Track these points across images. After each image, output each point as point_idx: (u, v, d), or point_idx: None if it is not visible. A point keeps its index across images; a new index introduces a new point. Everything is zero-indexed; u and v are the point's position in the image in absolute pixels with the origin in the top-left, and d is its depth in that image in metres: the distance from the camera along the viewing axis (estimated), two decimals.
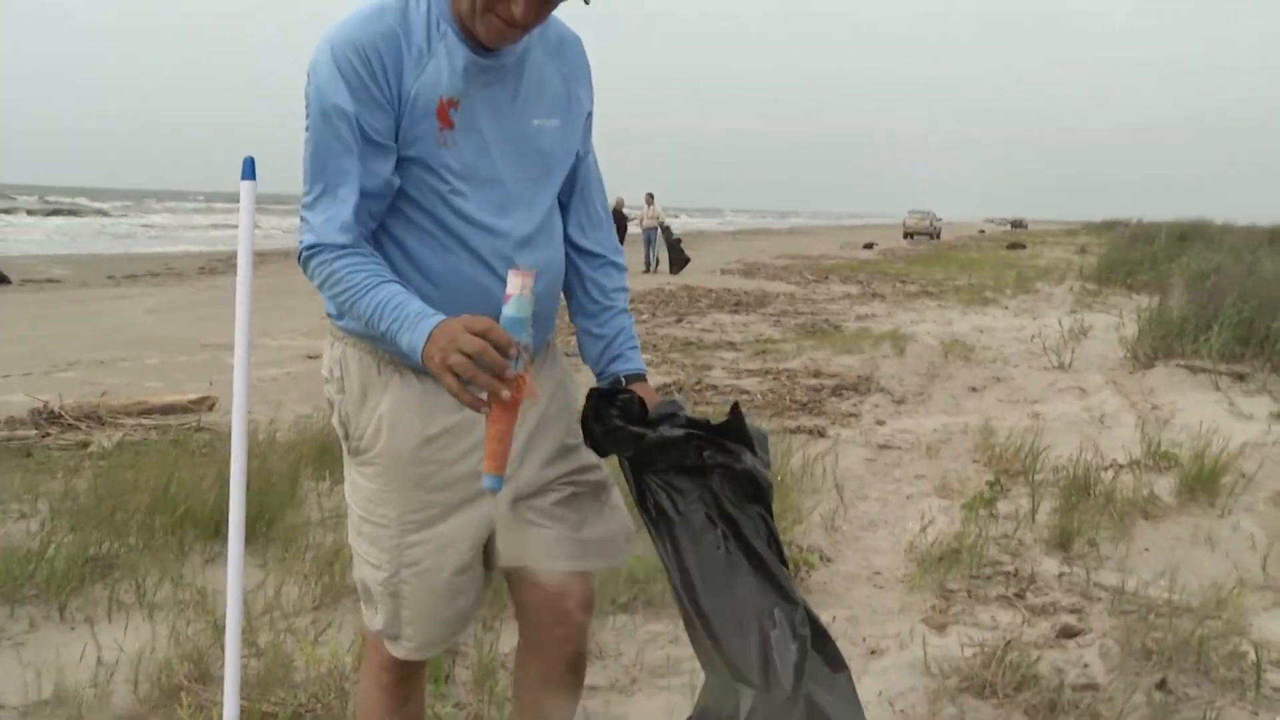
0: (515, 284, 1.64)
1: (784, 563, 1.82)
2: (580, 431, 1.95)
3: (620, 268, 2.12)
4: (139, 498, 4.35)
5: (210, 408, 7.15)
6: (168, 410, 7.00)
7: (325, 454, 5.15)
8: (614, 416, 1.85)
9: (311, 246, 1.79)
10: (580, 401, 2.00)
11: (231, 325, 2.07)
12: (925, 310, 15.33)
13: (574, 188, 2.05)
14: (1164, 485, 5.16)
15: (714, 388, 8.39)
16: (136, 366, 9.42)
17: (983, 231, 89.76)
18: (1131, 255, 22.47)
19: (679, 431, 1.80)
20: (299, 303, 15.27)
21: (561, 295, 2.08)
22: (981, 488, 5.12)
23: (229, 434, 5.87)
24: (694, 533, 1.77)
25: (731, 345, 11.05)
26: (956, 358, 10.17)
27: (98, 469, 5.09)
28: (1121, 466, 5.57)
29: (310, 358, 9.58)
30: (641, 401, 1.90)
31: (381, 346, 1.87)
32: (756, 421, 6.21)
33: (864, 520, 4.87)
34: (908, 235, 58.84)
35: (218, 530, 4.08)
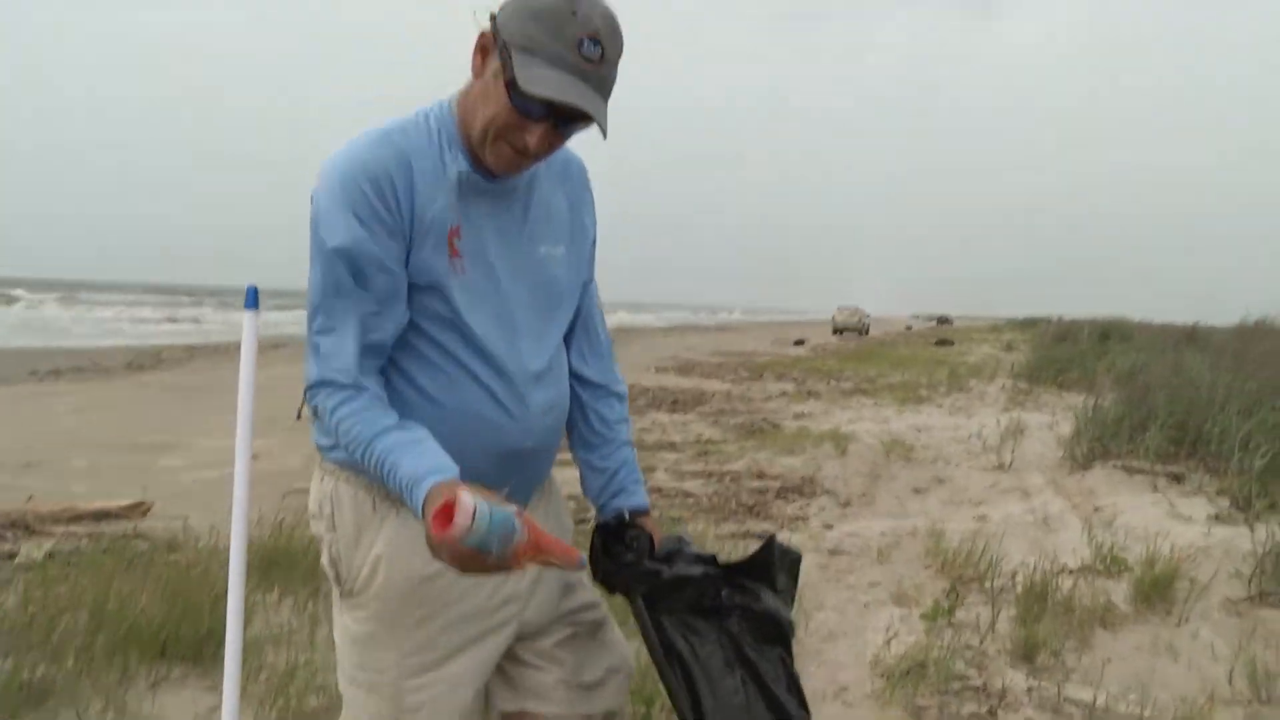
0: (466, 516, 1.50)
1: (804, 707, 1.76)
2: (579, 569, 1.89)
3: (622, 398, 2.08)
4: (75, 615, 4.16)
5: (145, 514, 6.92)
6: (100, 516, 6.76)
7: (273, 565, 4.98)
8: (624, 553, 1.80)
9: (315, 383, 1.73)
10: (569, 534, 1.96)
11: (164, 423, 1.99)
12: (862, 408, 15.43)
13: (578, 316, 2.01)
14: (1118, 592, 5.18)
15: (659, 490, 8.32)
16: (62, 469, 9.11)
17: (910, 327, 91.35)
18: (1058, 353, 22.95)
19: (696, 570, 1.75)
20: (231, 400, 14.89)
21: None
22: (938, 595, 5.11)
23: (168, 542, 5.70)
24: (712, 678, 1.72)
25: (672, 446, 11.01)
26: (898, 458, 10.22)
27: (28, 583, 4.87)
28: (1072, 572, 5.59)
29: (250, 458, 9.35)
30: (650, 537, 1.85)
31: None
32: (706, 537, 6.14)
33: (824, 632, 4.81)
34: (837, 331, 59.59)
35: (164, 651, 3.91)
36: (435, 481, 1.62)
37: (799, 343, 42.67)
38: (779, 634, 1.77)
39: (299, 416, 1.88)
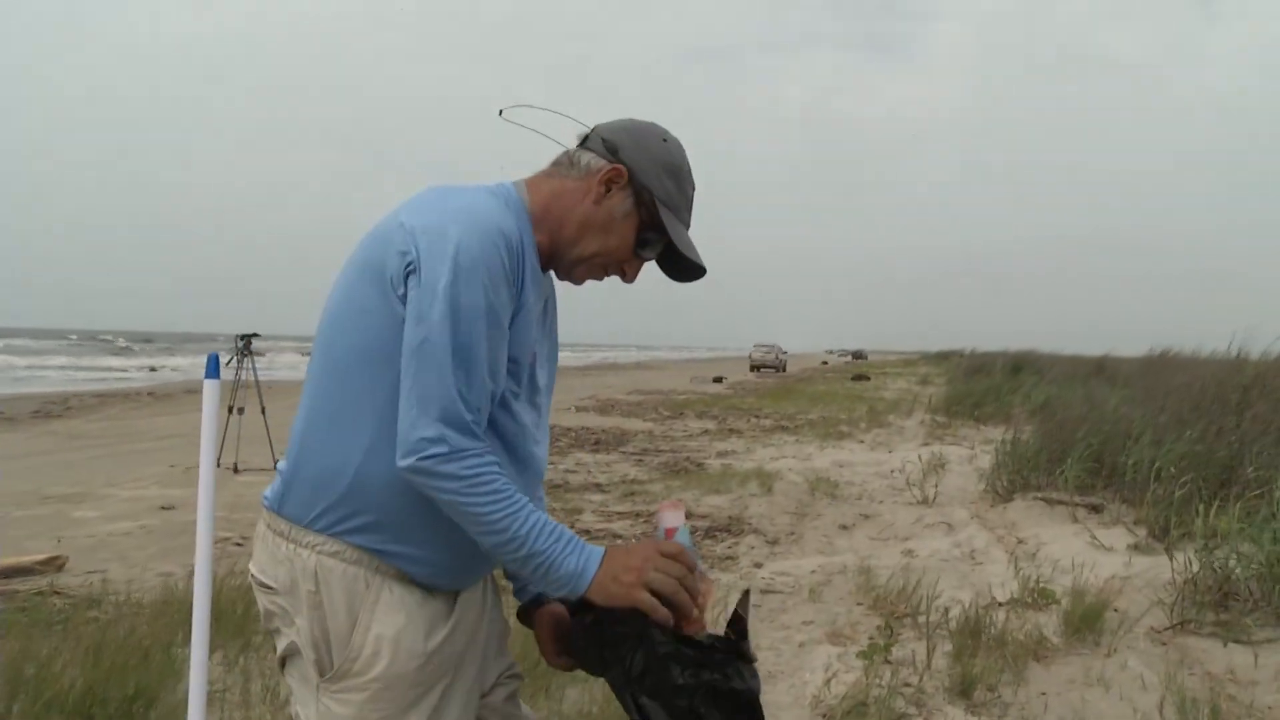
0: (677, 515, 1.81)
1: None
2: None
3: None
4: None
5: (60, 568, 6.70)
6: (11, 573, 6.51)
7: None
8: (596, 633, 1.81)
9: (459, 450, 1.64)
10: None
11: (75, 474, 1.94)
12: (784, 445, 15.56)
13: None
14: (1048, 624, 5.27)
15: (586, 532, 8.28)
16: None
17: (825, 363, 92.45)
18: (973, 387, 23.39)
19: (666, 648, 1.74)
20: (146, 448, 14.62)
21: None
22: (873, 633, 5.14)
23: (86, 599, 5.52)
24: None
25: (598, 487, 10.98)
26: (823, 495, 10.32)
27: None
28: (1002, 605, 5.68)
29: (164, 509, 9.13)
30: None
31: (413, 559, 1.78)
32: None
33: (761, 673, 4.80)
34: (755, 368, 60.09)
35: (90, 718, 3.76)
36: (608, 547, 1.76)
37: (718, 380, 42.88)
38: (748, 711, 1.77)
39: (236, 470, 1.84)
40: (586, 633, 1.84)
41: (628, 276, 1.87)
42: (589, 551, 1.70)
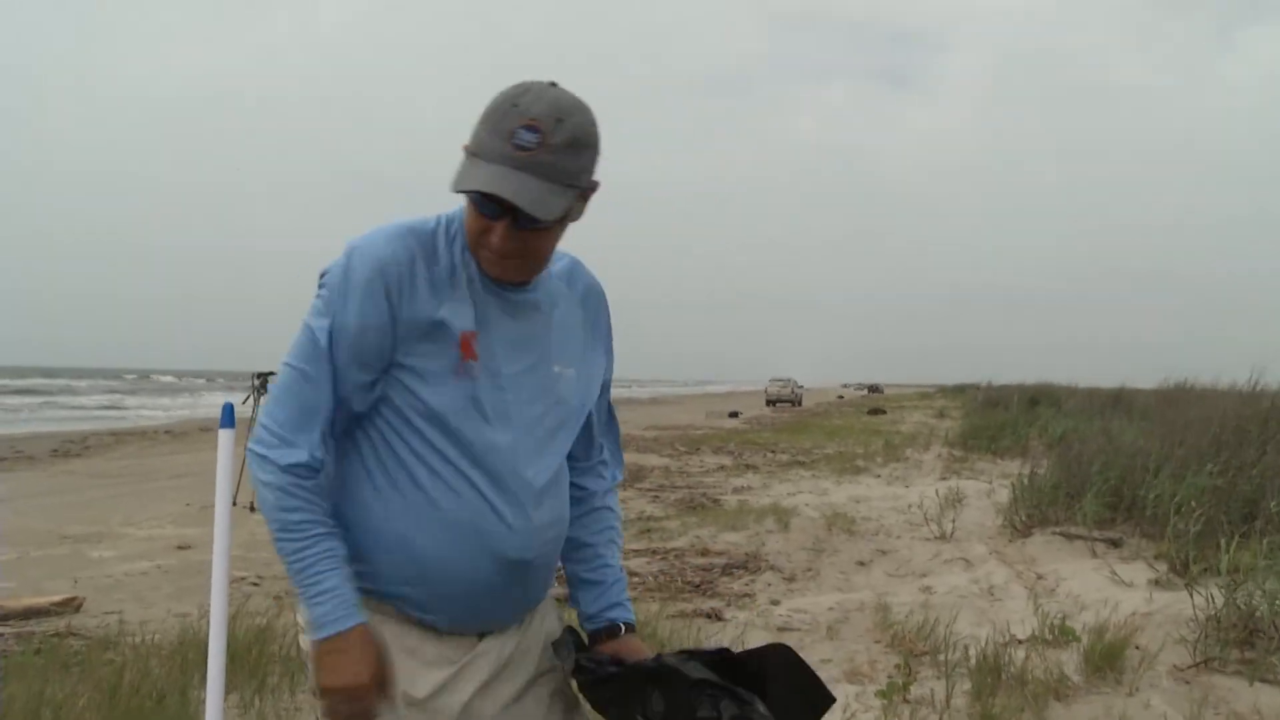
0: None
1: None
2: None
3: (607, 476, 2.12)
4: None
5: (78, 609, 6.70)
6: (28, 614, 6.52)
7: None
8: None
9: (266, 445, 1.73)
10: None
11: (92, 513, 1.94)
12: (800, 480, 15.50)
13: (582, 428, 2.03)
14: (1069, 662, 5.21)
15: None
16: None
17: (841, 397, 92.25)
18: (990, 420, 23.26)
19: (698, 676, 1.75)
20: (162, 486, 14.67)
21: None
22: (891, 671, 5.11)
23: (104, 640, 5.52)
24: None
25: None
26: (840, 530, 10.25)
27: None
28: (1022, 642, 5.62)
29: (180, 548, 9.14)
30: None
31: (360, 583, 1.78)
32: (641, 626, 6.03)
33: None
34: (770, 403, 60.02)
35: None
36: (355, 623, 1.71)
37: (734, 415, 42.82)
38: None
39: (252, 509, 1.85)
40: (603, 683, 1.84)
41: (494, 243, 1.72)
42: (337, 613, 1.70)
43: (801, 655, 1.89)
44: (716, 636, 5.89)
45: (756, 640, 5.95)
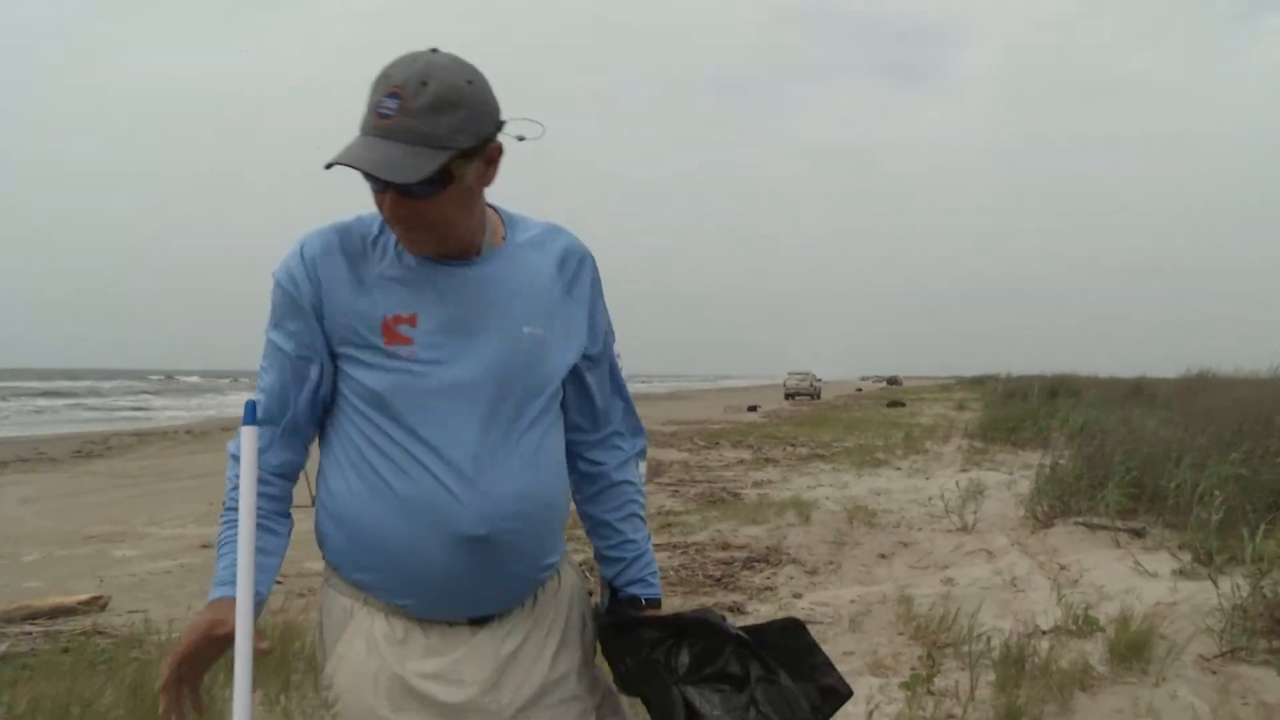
0: None
1: None
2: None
3: (623, 448, 2.07)
4: None
5: (103, 607, 6.76)
6: (55, 613, 6.58)
7: None
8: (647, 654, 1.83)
9: (240, 431, 1.79)
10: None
11: (115, 513, 1.97)
12: (820, 474, 15.48)
13: (582, 394, 2.00)
14: (1093, 652, 5.19)
15: None
16: (13, 564, 8.88)
17: (860, 389, 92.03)
18: (1010, 411, 23.19)
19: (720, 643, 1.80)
20: (184, 486, 14.76)
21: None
22: (915, 663, 5.09)
23: (129, 638, 5.55)
24: None
25: None
26: (861, 523, 10.23)
27: None
28: (1045, 633, 5.60)
29: (204, 547, 9.18)
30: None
31: (343, 577, 1.83)
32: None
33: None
34: (789, 396, 59.94)
35: None
36: (222, 595, 1.73)
37: (752, 409, 42.77)
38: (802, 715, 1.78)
39: (312, 501, 1.86)
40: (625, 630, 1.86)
41: (387, 216, 1.73)
42: (214, 589, 1.76)
43: (823, 646, 1.91)
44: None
45: None
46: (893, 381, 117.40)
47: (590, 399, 2.00)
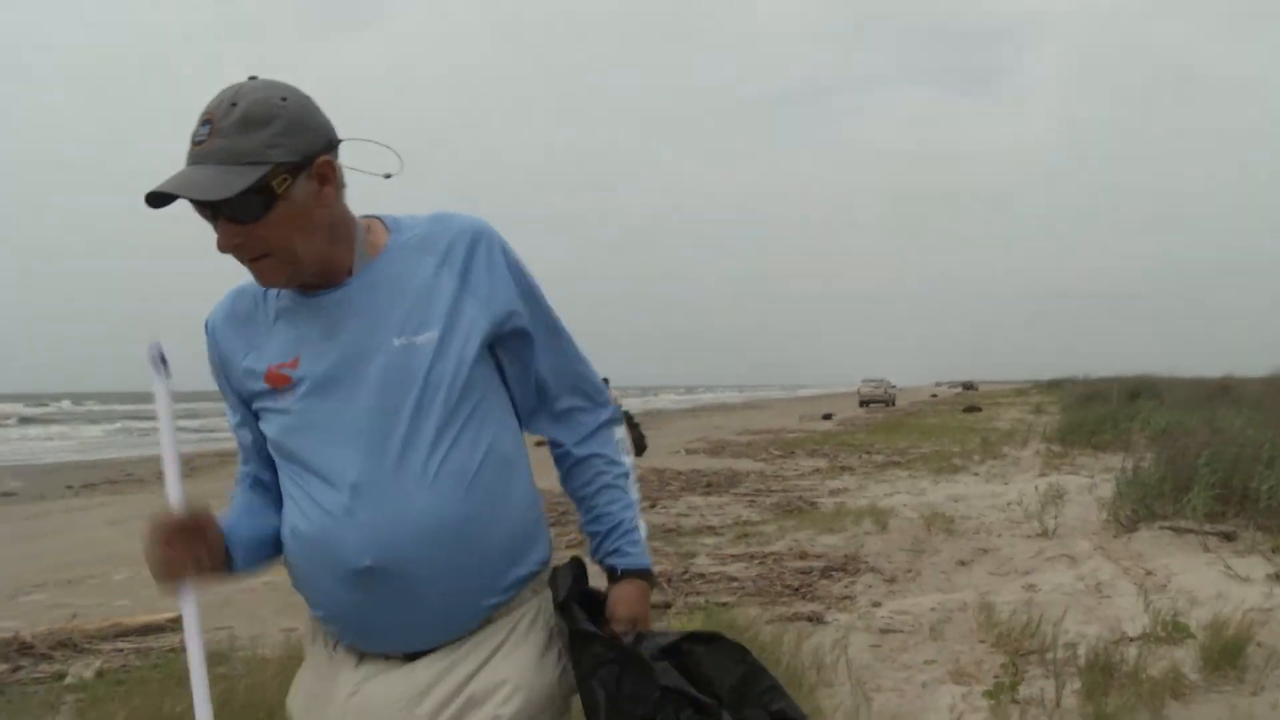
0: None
1: None
2: None
3: (586, 421, 1.96)
4: None
5: None
6: (145, 631, 6.73)
7: None
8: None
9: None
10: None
11: None
12: (896, 481, 15.31)
13: (518, 380, 1.89)
14: (1184, 660, 5.06)
15: (701, 576, 8.24)
16: (104, 584, 9.09)
17: (935, 395, 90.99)
18: (1089, 414, 22.76)
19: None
20: None
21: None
22: (998, 671, 5.01)
23: (216, 654, 5.65)
24: None
25: (712, 529, 10.92)
26: (939, 530, 10.09)
27: (78, 704, 4.84)
28: (1133, 640, 5.48)
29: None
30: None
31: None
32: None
33: (886, 714, 4.71)
34: (864, 404, 59.49)
35: None
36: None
37: (827, 417, 42.47)
38: None
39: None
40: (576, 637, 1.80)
41: (219, 243, 1.68)
42: None
43: (904, 655, 1.87)
44: (816, 638, 5.83)
45: (859, 644, 5.89)
46: (968, 387, 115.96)
47: (526, 378, 1.89)
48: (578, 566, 1.84)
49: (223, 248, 1.67)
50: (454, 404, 1.72)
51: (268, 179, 1.62)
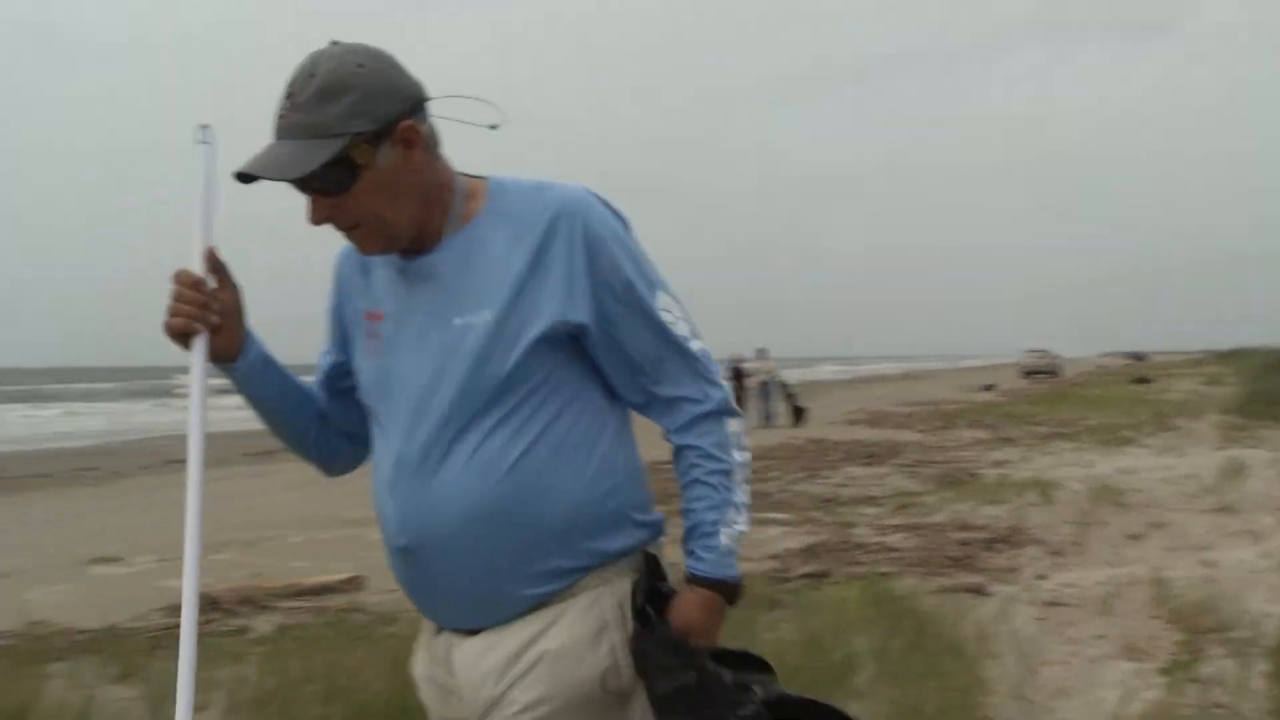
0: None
1: None
2: None
3: (682, 412, 1.74)
4: (311, 688, 4.32)
5: (360, 587, 7.18)
6: (320, 591, 7.06)
7: None
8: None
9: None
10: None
11: (363, 499, 2.03)
12: (1061, 453, 14.88)
13: (613, 365, 1.75)
14: None
15: (860, 546, 8.18)
16: (281, 546, 9.56)
17: (1102, 366, 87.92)
18: (1272, 385, 21.68)
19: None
20: None
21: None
22: (1173, 649, 4.83)
23: (383, 615, 5.88)
24: None
25: (872, 500, 10.82)
26: (1107, 503, 9.76)
27: (262, 656, 5.09)
28: None
29: None
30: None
31: None
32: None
33: (1052, 688, 4.60)
34: (1027, 374, 57.96)
35: None
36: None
37: (988, 388, 41.53)
38: None
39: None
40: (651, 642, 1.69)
41: (310, 216, 1.68)
42: None
43: (1070, 629, 1.81)
44: (979, 610, 5.72)
45: (1024, 617, 5.76)
46: (1137, 357, 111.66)
47: (618, 361, 1.73)
48: (651, 562, 1.74)
49: (315, 221, 1.66)
50: (498, 391, 1.65)
51: (347, 150, 1.59)
